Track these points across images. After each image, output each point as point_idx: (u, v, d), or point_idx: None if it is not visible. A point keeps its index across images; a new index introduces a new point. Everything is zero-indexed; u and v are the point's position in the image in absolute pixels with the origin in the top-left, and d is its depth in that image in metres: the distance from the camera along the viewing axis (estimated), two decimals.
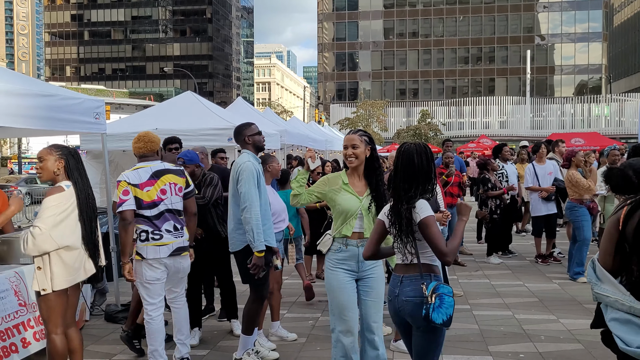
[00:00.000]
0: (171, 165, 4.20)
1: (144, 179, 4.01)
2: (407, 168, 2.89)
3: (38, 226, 3.33)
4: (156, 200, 4.03)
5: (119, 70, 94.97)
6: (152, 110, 11.15)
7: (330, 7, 67.92)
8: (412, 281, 2.84)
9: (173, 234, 4.07)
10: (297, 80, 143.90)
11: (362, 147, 3.47)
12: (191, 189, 4.27)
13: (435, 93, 65.72)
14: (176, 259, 4.11)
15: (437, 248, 2.74)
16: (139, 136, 4.17)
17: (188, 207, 4.26)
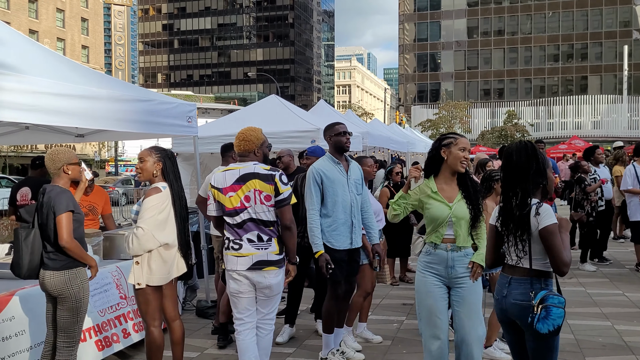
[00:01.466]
0: (262, 169, 3.59)
1: (228, 183, 3.61)
2: (507, 167, 2.86)
3: (141, 227, 3.52)
4: (238, 207, 3.58)
5: (206, 76, 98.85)
6: (238, 114, 11.50)
7: (412, 7, 67.13)
8: (520, 284, 2.77)
9: (255, 245, 3.57)
10: (378, 82, 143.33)
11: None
12: (283, 197, 3.58)
13: (522, 93, 63.16)
14: (259, 274, 3.57)
15: (558, 257, 2.66)
16: (238, 133, 3.76)
17: (281, 218, 3.61)
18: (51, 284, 3.44)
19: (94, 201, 5.79)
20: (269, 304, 3.70)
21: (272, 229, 3.62)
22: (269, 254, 3.58)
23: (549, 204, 6.67)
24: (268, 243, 3.59)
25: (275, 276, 3.60)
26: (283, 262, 3.64)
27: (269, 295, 3.66)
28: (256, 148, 3.67)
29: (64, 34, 49.16)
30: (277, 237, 3.63)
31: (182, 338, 3.93)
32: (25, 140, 6.80)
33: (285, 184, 3.60)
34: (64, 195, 3.43)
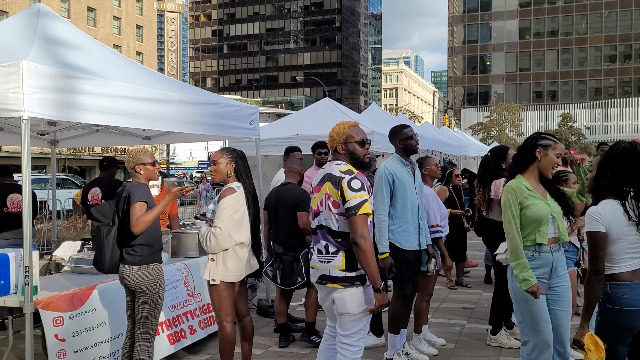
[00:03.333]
0: (337, 170, 3.10)
1: (315, 183, 3.28)
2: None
3: (219, 227, 3.64)
4: (316, 211, 3.22)
5: (254, 81, 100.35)
6: (292, 117, 11.67)
7: (461, 9, 66.22)
8: None
9: (320, 257, 3.15)
10: (425, 85, 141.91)
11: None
12: (349, 205, 2.99)
13: (576, 95, 61.27)
14: (328, 289, 3.15)
15: None
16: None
17: (350, 230, 3.02)
18: (129, 278, 3.60)
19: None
20: (342, 324, 3.14)
21: (342, 240, 3.08)
22: (332, 269, 3.09)
23: None
24: (333, 256, 3.10)
25: (340, 292, 3.07)
26: (352, 282, 3.06)
27: (338, 313, 3.13)
28: (338, 145, 3.18)
29: (120, 41, 50.92)
30: (346, 251, 3.06)
31: (252, 334, 4.04)
32: (96, 142, 7.11)
33: (355, 190, 3.00)
34: (139, 187, 3.59)
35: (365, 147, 3.19)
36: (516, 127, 48.07)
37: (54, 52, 4.07)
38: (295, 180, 5.15)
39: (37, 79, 3.51)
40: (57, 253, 5.49)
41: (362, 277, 3.07)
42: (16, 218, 5.66)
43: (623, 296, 2.64)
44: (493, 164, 5.05)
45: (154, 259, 3.66)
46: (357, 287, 3.06)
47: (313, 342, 4.88)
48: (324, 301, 3.26)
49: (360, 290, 3.07)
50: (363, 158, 3.18)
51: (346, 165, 3.14)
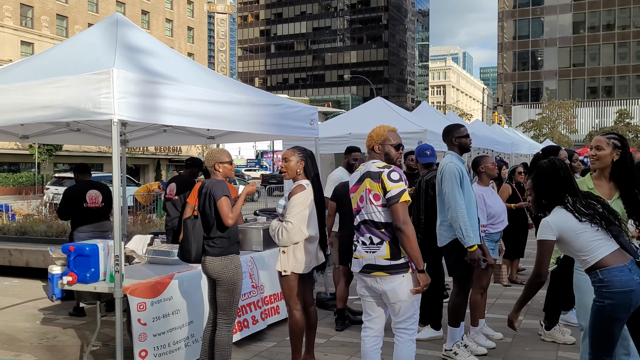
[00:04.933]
0: (376, 167, 3.44)
1: (353, 183, 3.58)
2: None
3: (290, 221, 3.91)
4: (356, 209, 3.52)
5: (301, 80, 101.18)
6: (344, 116, 11.87)
7: (512, 4, 64.81)
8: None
9: (366, 248, 3.41)
10: (474, 82, 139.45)
11: (608, 150, 3.46)
12: (391, 195, 3.30)
13: (633, 90, 58.99)
14: (372, 279, 3.40)
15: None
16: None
17: (392, 218, 3.33)
18: (211, 268, 3.90)
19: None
20: (395, 311, 3.42)
21: (385, 231, 3.36)
22: (377, 258, 3.35)
23: None
24: (378, 246, 3.36)
25: (389, 282, 3.33)
26: (398, 269, 3.32)
27: (390, 303, 3.40)
28: (376, 144, 3.52)
29: (172, 43, 52.43)
30: (390, 241, 3.34)
31: (316, 322, 4.31)
32: (163, 142, 7.51)
33: (394, 180, 3.32)
34: (219, 184, 3.88)
35: (399, 150, 3.56)
36: (569, 125, 46.76)
37: (135, 59, 4.41)
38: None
39: (125, 84, 3.85)
40: (129, 246, 5.90)
41: (406, 264, 3.35)
42: (94, 212, 6.12)
43: (615, 278, 2.87)
44: None
45: (232, 251, 3.95)
46: (404, 275, 3.35)
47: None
48: (364, 292, 3.51)
49: (408, 277, 3.36)
50: (396, 160, 3.55)
51: (382, 162, 3.50)
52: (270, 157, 54.61)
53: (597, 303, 2.94)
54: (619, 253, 2.97)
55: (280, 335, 5.27)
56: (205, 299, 4.42)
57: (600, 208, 3.06)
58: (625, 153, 3.45)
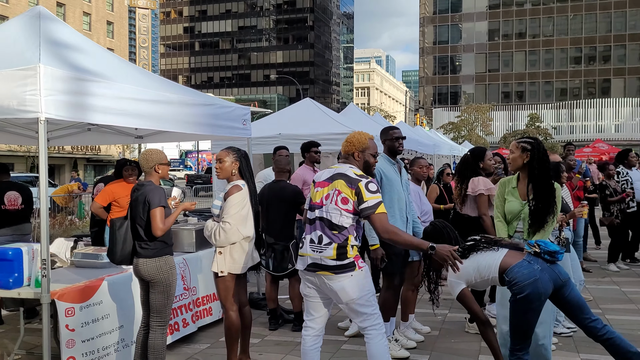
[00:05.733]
0: (353, 173, 3.43)
1: (322, 179, 3.54)
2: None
3: (228, 222, 3.90)
4: (318, 203, 3.47)
5: (226, 79, 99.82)
6: (274, 116, 11.89)
7: (432, 10, 67.19)
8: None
9: (312, 246, 3.40)
10: (397, 85, 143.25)
11: (517, 153, 3.73)
12: (367, 205, 3.30)
13: (542, 96, 62.81)
14: (319, 278, 3.39)
15: None
16: (347, 137, 3.69)
17: (373, 227, 3.36)
18: (144, 270, 3.82)
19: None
20: (353, 312, 3.42)
21: (337, 233, 3.36)
22: (323, 258, 3.35)
23: (577, 205, 6.90)
24: (325, 246, 3.36)
25: (337, 282, 3.33)
26: (344, 269, 3.33)
27: (343, 303, 3.40)
28: (356, 151, 3.54)
29: (91, 37, 50.12)
30: (339, 243, 3.35)
31: (251, 322, 4.33)
32: (87, 141, 7.22)
33: (372, 192, 3.34)
34: (157, 191, 3.80)
35: (375, 159, 3.64)
36: (485, 127, 49.11)
37: (61, 55, 4.23)
38: (286, 178, 5.50)
39: (53, 81, 3.69)
40: (51, 249, 5.65)
41: (352, 264, 3.36)
42: (13, 215, 5.80)
43: (518, 274, 3.18)
44: (472, 163, 5.42)
45: (166, 252, 3.89)
46: (352, 274, 3.34)
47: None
48: (309, 292, 3.51)
49: (356, 275, 3.35)
50: (372, 168, 3.62)
51: (359, 170, 3.50)
52: (195, 157, 53.52)
53: (512, 299, 3.25)
54: (511, 254, 3.31)
55: (213, 336, 5.24)
56: (137, 302, 4.32)
57: (480, 237, 3.51)
58: (534, 155, 3.72)
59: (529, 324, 3.24)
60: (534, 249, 3.29)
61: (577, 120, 55.28)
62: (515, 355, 3.31)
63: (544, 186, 3.73)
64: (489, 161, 5.44)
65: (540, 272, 3.19)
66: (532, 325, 3.27)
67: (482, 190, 5.02)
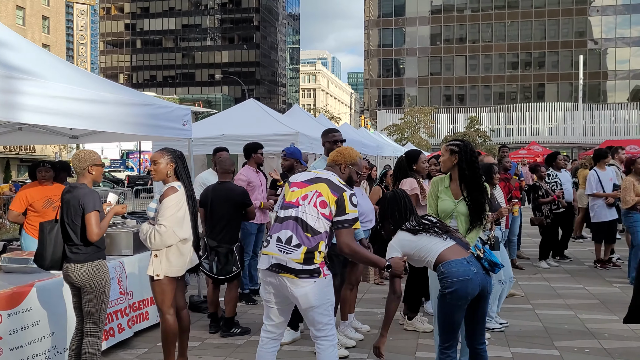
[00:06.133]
0: (337, 180, 3.44)
1: (299, 180, 3.51)
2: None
3: (163, 224, 3.83)
4: (293, 202, 3.39)
5: (169, 78, 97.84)
6: (217, 117, 11.79)
7: (376, 13, 68.22)
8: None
9: (279, 246, 3.29)
10: (342, 87, 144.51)
11: (446, 155, 3.85)
12: (348, 217, 3.31)
13: (482, 99, 64.95)
14: (279, 279, 3.29)
15: None
16: (338, 148, 3.74)
17: (338, 241, 3.34)
18: (75, 276, 3.70)
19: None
20: (311, 320, 3.35)
21: (310, 237, 3.27)
22: (289, 260, 3.25)
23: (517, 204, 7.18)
24: (294, 249, 3.26)
25: (300, 287, 3.24)
26: (309, 274, 3.25)
27: (302, 309, 3.33)
28: (344, 164, 3.58)
29: (24, 32, 47.98)
30: (308, 248, 3.26)
31: (189, 326, 4.26)
32: (18, 141, 6.94)
33: (354, 205, 3.36)
34: (92, 195, 3.69)
35: (357, 178, 3.68)
36: (428, 129, 50.28)
37: None
38: (230, 179, 5.46)
39: None
40: None
41: (318, 270, 3.27)
42: None
43: (454, 269, 3.28)
44: (405, 165, 5.57)
45: (99, 256, 3.78)
46: (315, 280, 3.25)
47: (234, 334, 5.23)
48: (270, 298, 3.40)
49: (320, 282, 3.27)
50: (353, 182, 3.63)
51: (342, 181, 3.51)
52: (137, 158, 52.14)
53: (440, 292, 3.35)
54: (456, 248, 3.38)
55: (151, 341, 5.13)
56: (69, 308, 4.18)
57: (436, 221, 3.55)
58: (462, 157, 3.87)
59: (454, 320, 3.36)
60: (478, 253, 3.40)
61: (514, 123, 57.41)
62: (445, 354, 3.41)
63: (476, 185, 3.88)
64: (423, 164, 5.58)
65: (474, 274, 3.29)
66: (458, 321, 3.38)
67: (409, 191, 5.13)
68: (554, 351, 4.75)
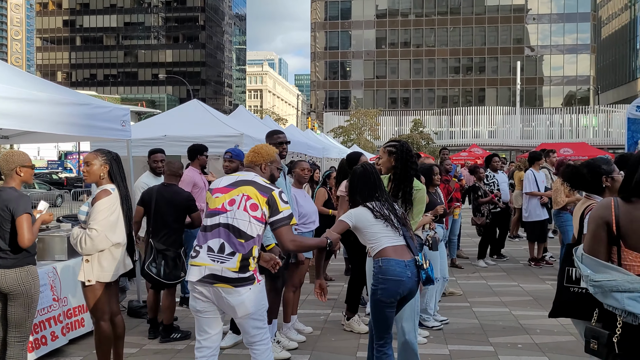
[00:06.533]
0: (262, 181, 3.35)
1: (221, 185, 3.37)
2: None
3: (94, 228, 3.70)
4: (219, 209, 3.26)
5: (111, 76, 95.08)
6: (159, 118, 11.53)
7: (323, 16, 68.65)
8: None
9: (212, 256, 3.17)
10: (289, 88, 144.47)
11: (385, 157, 3.92)
12: (283, 215, 3.24)
13: (426, 102, 66.47)
14: (215, 290, 3.16)
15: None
16: (253, 147, 3.59)
17: (281, 240, 3.28)
18: (2, 282, 3.53)
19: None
20: (245, 328, 3.27)
21: (244, 242, 3.19)
22: (225, 270, 3.14)
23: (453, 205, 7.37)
24: (228, 257, 3.16)
25: (236, 296, 3.14)
26: (245, 282, 3.16)
27: (239, 317, 3.22)
28: (264, 163, 3.48)
29: None
30: (243, 255, 3.17)
31: (124, 332, 4.14)
32: None
33: (285, 202, 3.30)
34: (22, 198, 3.54)
35: (279, 174, 3.66)
36: (373, 131, 50.91)
37: None
38: (177, 182, 5.36)
39: None
40: None
41: (252, 277, 3.20)
42: None
43: (391, 268, 3.41)
44: (346, 168, 5.63)
45: (29, 262, 3.62)
46: (250, 287, 3.18)
47: (174, 339, 5.13)
48: (202, 308, 3.24)
49: (255, 288, 3.21)
50: (275, 179, 3.60)
51: (267, 180, 3.44)
52: (76, 159, 50.32)
53: (373, 287, 3.47)
54: (402, 249, 3.47)
55: (86, 348, 4.96)
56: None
57: (400, 212, 3.62)
58: (398, 157, 3.96)
59: (387, 317, 3.50)
60: (423, 263, 3.50)
61: (456, 126, 58.92)
62: (380, 351, 3.51)
63: (403, 184, 3.98)
64: None
65: (407, 278, 3.42)
66: (390, 318, 3.51)
67: (342, 192, 5.18)
68: (489, 347, 4.92)
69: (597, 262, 2.38)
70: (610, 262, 2.39)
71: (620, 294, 2.23)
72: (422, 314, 5.42)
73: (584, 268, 2.41)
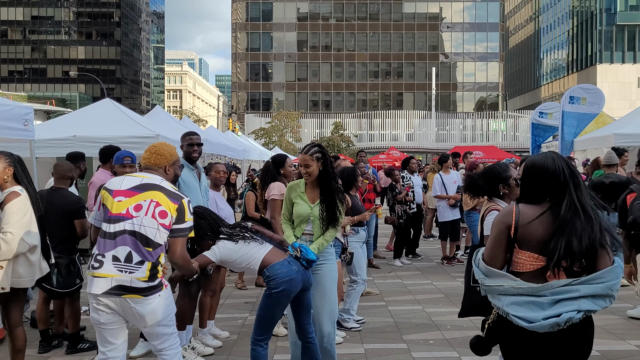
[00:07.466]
0: (170, 186, 3.21)
1: (123, 187, 3.16)
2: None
3: (9, 232, 3.47)
4: (123, 214, 3.08)
5: (17, 72, 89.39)
6: (69, 117, 11.01)
7: (244, 17, 68.14)
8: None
9: (118, 266, 3.00)
10: (210, 89, 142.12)
11: (314, 164, 3.90)
12: (187, 225, 3.15)
13: (346, 105, 67.61)
14: (123, 302, 3.01)
15: None
16: (150, 146, 3.39)
17: (172, 250, 3.16)
18: None
19: None
20: (155, 335, 3.15)
21: (152, 251, 3.06)
22: (134, 280, 3.00)
23: (373, 205, 7.55)
24: (137, 267, 3.01)
25: (146, 305, 3.02)
26: (154, 290, 3.05)
27: (148, 325, 3.09)
28: (168, 165, 3.31)
29: None
30: (152, 264, 3.05)
31: (24, 345, 3.90)
32: None
33: (192, 213, 3.23)
34: None
35: (180, 171, 3.59)
36: (295, 133, 51.12)
37: None
38: (67, 186, 5.04)
39: None
40: None
41: (160, 284, 3.10)
42: None
43: (278, 272, 3.54)
44: (272, 170, 5.61)
45: None
46: (159, 294, 3.09)
47: (82, 350, 4.88)
48: (107, 319, 3.06)
49: (163, 294, 3.12)
50: (177, 179, 3.54)
51: (172, 185, 3.30)
52: None
53: (266, 292, 3.58)
54: (275, 251, 3.63)
55: None
56: None
57: (249, 226, 3.73)
58: (326, 162, 3.99)
59: (275, 316, 3.66)
60: (296, 253, 3.62)
61: (376, 129, 60.35)
62: (259, 345, 3.64)
63: (332, 188, 3.99)
64: (289, 168, 5.67)
65: (295, 273, 3.55)
66: (277, 317, 3.69)
67: (275, 196, 5.18)
68: (402, 345, 5.06)
69: (490, 270, 2.53)
70: (506, 265, 2.55)
71: (506, 297, 2.45)
72: (343, 314, 5.50)
73: (478, 272, 2.58)
